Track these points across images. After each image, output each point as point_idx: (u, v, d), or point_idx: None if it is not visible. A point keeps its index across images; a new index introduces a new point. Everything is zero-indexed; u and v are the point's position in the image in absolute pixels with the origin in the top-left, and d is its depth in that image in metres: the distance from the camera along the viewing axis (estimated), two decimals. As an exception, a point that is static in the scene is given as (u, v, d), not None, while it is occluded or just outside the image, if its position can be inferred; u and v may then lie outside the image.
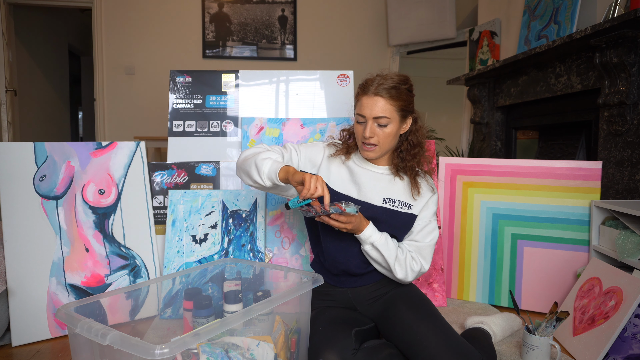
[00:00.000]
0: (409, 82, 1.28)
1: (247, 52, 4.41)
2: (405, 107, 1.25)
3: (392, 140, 1.27)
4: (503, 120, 3.16)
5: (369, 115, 1.23)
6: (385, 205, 1.29)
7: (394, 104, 1.22)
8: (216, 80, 2.06)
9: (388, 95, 1.21)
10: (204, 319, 1.28)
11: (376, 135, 1.24)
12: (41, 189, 1.62)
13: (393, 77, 1.24)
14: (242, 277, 1.43)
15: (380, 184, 1.31)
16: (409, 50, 4.56)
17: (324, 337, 1.16)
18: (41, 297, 1.56)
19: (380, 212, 1.28)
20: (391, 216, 1.29)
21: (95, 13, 4.20)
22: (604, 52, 1.95)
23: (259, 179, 1.20)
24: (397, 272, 1.27)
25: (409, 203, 1.30)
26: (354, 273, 1.32)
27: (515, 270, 1.85)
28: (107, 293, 1.13)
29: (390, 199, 1.29)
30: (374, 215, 1.28)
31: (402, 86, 1.24)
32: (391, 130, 1.24)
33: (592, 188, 1.78)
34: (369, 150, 1.26)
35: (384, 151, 1.28)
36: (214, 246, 1.78)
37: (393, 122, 1.23)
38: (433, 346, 1.12)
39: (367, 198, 1.29)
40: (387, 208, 1.29)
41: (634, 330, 1.29)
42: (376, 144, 1.25)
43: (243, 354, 0.99)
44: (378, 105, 1.21)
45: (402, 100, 1.23)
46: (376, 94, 1.21)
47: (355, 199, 1.29)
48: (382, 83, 1.22)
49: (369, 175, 1.31)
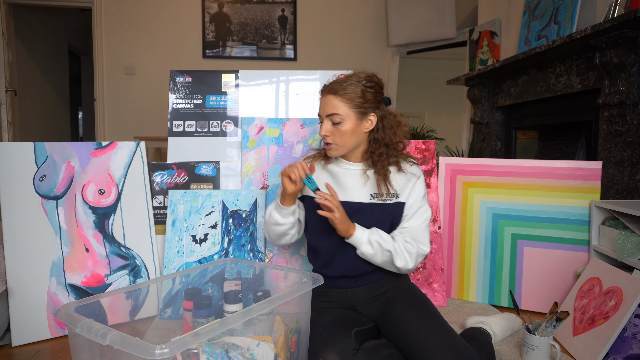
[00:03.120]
0: (374, 79, 1.26)
1: (247, 52, 4.41)
2: (361, 105, 1.22)
3: (351, 138, 1.25)
4: (503, 120, 3.16)
5: (323, 114, 1.24)
6: (373, 200, 1.29)
7: (347, 102, 1.21)
8: (216, 80, 2.06)
9: (342, 92, 1.21)
10: (204, 319, 1.28)
11: (332, 134, 1.24)
12: (41, 189, 1.62)
13: (352, 76, 1.24)
14: (242, 277, 1.43)
15: (364, 181, 1.31)
16: (409, 50, 4.56)
17: (324, 338, 1.16)
18: (41, 297, 1.56)
19: (370, 208, 1.29)
20: (381, 209, 1.29)
21: (95, 13, 4.20)
22: (604, 52, 1.95)
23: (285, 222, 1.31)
24: (397, 261, 1.26)
25: (396, 193, 1.30)
26: (355, 275, 1.33)
27: (515, 270, 1.86)
28: (107, 293, 1.13)
29: (376, 194, 1.29)
30: (364, 213, 1.28)
31: (359, 82, 1.22)
32: (347, 128, 1.23)
33: (592, 188, 1.78)
34: (329, 149, 1.27)
35: (345, 149, 1.27)
36: (214, 246, 1.78)
37: (348, 120, 1.22)
38: (431, 345, 1.12)
39: (354, 197, 1.29)
40: (376, 203, 1.29)
41: (634, 330, 1.29)
42: (332, 142, 1.25)
43: (243, 354, 0.99)
44: (330, 103, 1.22)
45: (358, 98, 1.21)
46: (329, 92, 1.23)
47: (342, 200, 1.29)
48: (338, 82, 1.23)
49: (350, 174, 1.32)
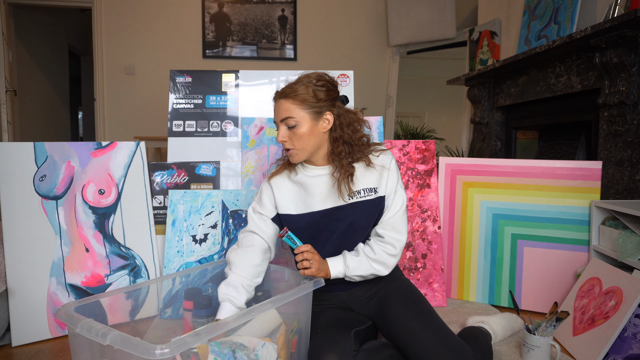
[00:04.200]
0: (325, 78, 1.23)
1: (247, 52, 4.41)
2: (314, 105, 1.19)
3: (309, 140, 1.20)
4: (503, 120, 3.16)
5: (277, 119, 1.21)
6: (352, 200, 1.25)
7: (299, 103, 1.18)
8: (216, 80, 2.06)
9: (293, 94, 1.18)
10: (204, 319, 1.28)
11: (289, 139, 1.20)
12: (41, 189, 1.62)
13: (302, 77, 1.21)
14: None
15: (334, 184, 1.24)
16: (409, 50, 4.56)
17: (324, 340, 1.16)
18: (41, 297, 1.56)
19: (351, 208, 1.25)
20: (362, 207, 1.25)
21: (95, 13, 4.20)
22: (604, 52, 1.95)
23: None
24: (382, 272, 1.25)
25: (373, 187, 1.26)
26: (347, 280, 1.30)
27: (515, 270, 1.86)
28: (107, 293, 1.13)
29: (355, 192, 1.24)
30: (347, 214, 1.25)
31: (310, 83, 1.19)
32: (303, 131, 1.18)
33: (592, 188, 1.78)
34: (290, 154, 1.22)
35: (306, 152, 1.22)
36: (214, 246, 1.78)
37: (303, 122, 1.18)
38: (427, 344, 1.12)
39: (332, 203, 1.25)
40: (356, 202, 1.25)
41: (634, 330, 1.29)
42: (292, 147, 1.20)
43: (248, 355, 0.99)
44: (282, 107, 1.19)
45: (310, 98, 1.18)
46: (280, 97, 1.20)
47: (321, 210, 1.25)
48: (288, 85, 1.20)
49: (321, 180, 1.26)
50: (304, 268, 1.16)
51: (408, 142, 1.99)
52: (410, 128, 4.19)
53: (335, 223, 1.25)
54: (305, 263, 1.15)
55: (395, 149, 1.99)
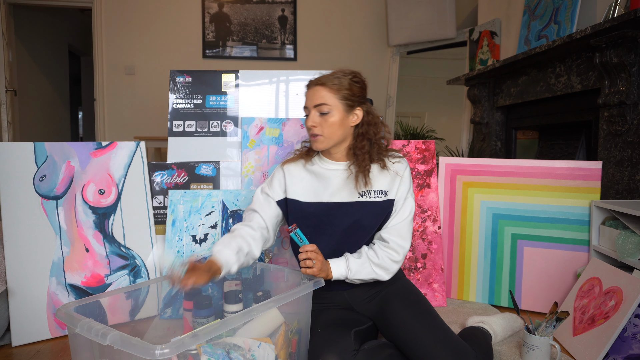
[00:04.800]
0: (360, 77, 1.29)
1: (247, 52, 4.41)
2: (349, 97, 1.24)
3: (338, 130, 1.25)
4: (503, 120, 3.16)
5: (310, 105, 1.25)
6: (362, 199, 1.27)
7: (335, 93, 1.23)
8: (216, 80, 2.06)
9: (329, 83, 1.23)
10: (204, 319, 1.28)
11: (319, 125, 1.24)
12: (41, 189, 1.62)
13: (337, 71, 1.27)
14: (242, 277, 1.42)
15: (350, 180, 1.28)
16: (409, 50, 4.56)
17: (324, 340, 1.16)
18: (41, 297, 1.56)
19: (359, 206, 1.27)
20: (370, 208, 1.27)
21: (95, 13, 4.20)
22: (604, 52, 1.95)
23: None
24: (383, 277, 1.26)
25: (384, 190, 1.28)
26: None
27: (515, 270, 1.86)
28: (107, 293, 1.13)
29: (365, 191, 1.28)
30: (354, 212, 1.26)
31: (346, 76, 1.25)
32: (334, 119, 1.23)
33: (592, 188, 1.78)
34: (315, 141, 1.26)
35: (330, 142, 1.26)
36: (214, 246, 1.78)
37: (335, 111, 1.23)
38: (428, 344, 1.13)
39: (342, 197, 1.28)
40: (365, 201, 1.27)
41: (634, 330, 1.29)
42: (319, 134, 1.24)
43: (244, 355, 0.99)
44: (318, 93, 1.24)
45: (345, 90, 1.23)
46: (316, 84, 1.25)
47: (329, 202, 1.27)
48: (324, 76, 1.26)
49: (335, 174, 1.30)
50: (307, 267, 1.17)
51: (408, 142, 1.99)
52: (410, 128, 4.18)
53: (341, 218, 1.27)
54: (308, 262, 1.16)
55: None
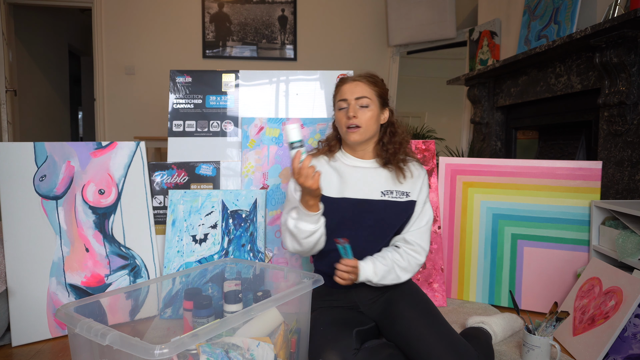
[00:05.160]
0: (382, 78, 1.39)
1: (247, 52, 4.41)
2: (382, 95, 1.33)
3: (374, 125, 1.31)
4: (503, 120, 3.16)
5: (350, 98, 1.30)
6: (384, 198, 1.30)
7: (373, 89, 1.31)
8: (216, 80, 2.06)
9: (367, 80, 1.32)
10: (204, 319, 1.28)
11: (359, 116, 1.29)
12: (41, 189, 1.62)
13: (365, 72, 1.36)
14: (242, 277, 1.43)
15: (374, 178, 1.32)
16: (409, 50, 4.56)
17: (325, 337, 1.16)
18: (41, 297, 1.56)
19: (382, 205, 1.30)
20: (392, 207, 1.30)
21: (95, 13, 4.20)
22: (604, 52, 1.95)
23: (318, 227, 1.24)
24: (404, 277, 1.29)
25: (405, 191, 1.32)
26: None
27: (515, 270, 1.85)
28: (107, 293, 1.13)
29: (388, 191, 1.31)
30: (376, 210, 1.29)
31: (377, 77, 1.35)
32: (372, 113, 1.30)
33: (592, 188, 1.78)
34: (354, 132, 1.29)
35: (366, 134, 1.31)
36: (214, 246, 1.78)
37: (373, 105, 1.30)
38: (431, 343, 1.13)
39: (365, 194, 1.30)
40: (387, 200, 1.30)
41: (634, 330, 1.29)
42: (359, 125, 1.28)
43: (243, 355, 0.99)
44: (359, 87, 1.31)
45: (380, 87, 1.33)
46: (356, 79, 1.33)
47: (353, 198, 1.30)
48: (360, 73, 1.35)
49: (360, 172, 1.33)
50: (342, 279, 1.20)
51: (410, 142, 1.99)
52: (410, 128, 4.18)
53: (365, 215, 1.29)
54: (345, 275, 1.19)
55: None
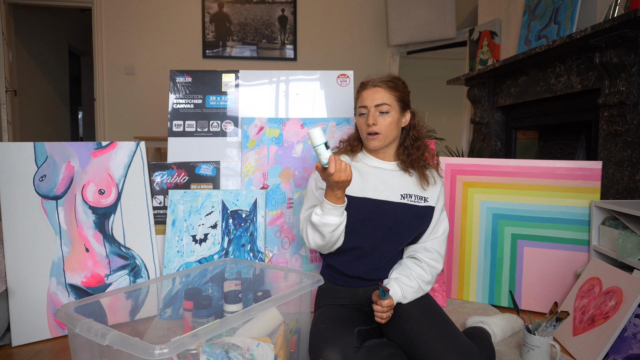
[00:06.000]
0: (403, 80, 1.38)
1: (247, 52, 4.40)
2: (403, 99, 1.33)
3: (394, 130, 1.32)
4: (503, 120, 3.16)
5: (370, 105, 1.30)
6: (403, 201, 1.32)
7: (393, 94, 1.31)
8: (216, 80, 2.06)
9: (386, 85, 1.31)
10: (204, 319, 1.28)
11: (379, 124, 1.29)
12: (41, 189, 1.62)
13: (386, 75, 1.35)
14: (242, 277, 1.43)
15: (394, 180, 1.34)
16: (409, 50, 4.56)
17: (326, 335, 1.17)
18: (41, 297, 1.56)
19: (401, 208, 1.31)
20: (410, 211, 1.31)
21: (95, 13, 4.20)
22: (604, 52, 1.95)
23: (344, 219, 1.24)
24: (428, 289, 1.32)
25: (424, 196, 1.34)
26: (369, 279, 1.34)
27: (515, 270, 1.85)
28: (107, 293, 1.13)
29: (407, 194, 1.33)
30: (395, 213, 1.30)
31: (399, 80, 1.35)
32: (392, 119, 1.30)
33: (592, 188, 1.78)
34: (373, 139, 1.31)
35: (387, 140, 1.32)
36: (214, 246, 1.78)
37: (393, 111, 1.31)
38: (434, 341, 1.13)
39: (385, 196, 1.32)
40: (406, 204, 1.32)
41: (634, 330, 1.29)
42: (379, 132, 1.29)
43: (243, 354, 0.99)
44: (378, 94, 1.30)
45: (400, 92, 1.33)
46: (375, 85, 1.32)
47: (373, 198, 1.31)
48: (380, 78, 1.32)
49: (381, 174, 1.35)
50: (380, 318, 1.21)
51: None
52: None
53: (384, 216, 1.30)
54: (384, 315, 1.20)
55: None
